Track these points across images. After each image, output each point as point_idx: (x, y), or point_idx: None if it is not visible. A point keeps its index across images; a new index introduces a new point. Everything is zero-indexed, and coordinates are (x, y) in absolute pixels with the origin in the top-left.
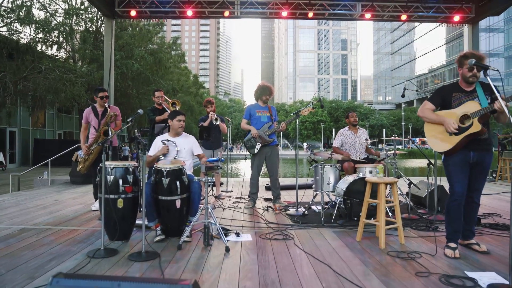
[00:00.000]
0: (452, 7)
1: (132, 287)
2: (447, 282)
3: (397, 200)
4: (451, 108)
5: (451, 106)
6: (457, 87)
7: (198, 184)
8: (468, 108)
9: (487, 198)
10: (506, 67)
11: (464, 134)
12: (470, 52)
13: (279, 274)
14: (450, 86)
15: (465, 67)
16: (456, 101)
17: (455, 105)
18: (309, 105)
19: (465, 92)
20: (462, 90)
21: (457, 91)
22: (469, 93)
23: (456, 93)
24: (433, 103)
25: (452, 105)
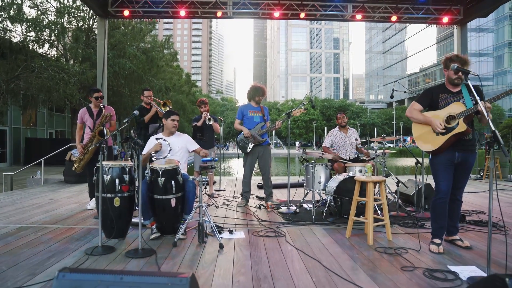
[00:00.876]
0: (441, 9)
1: (134, 280)
2: (430, 276)
3: (385, 198)
4: (438, 108)
5: (438, 107)
6: (443, 89)
7: (193, 183)
8: (454, 109)
9: (473, 196)
10: (495, 67)
11: (450, 134)
12: (455, 55)
13: (271, 269)
14: (437, 87)
15: (450, 70)
16: (443, 101)
17: (442, 106)
18: (300, 106)
19: (452, 93)
20: (448, 91)
21: (443, 92)
22: (455, 94)
23: (443, 94)
24: (421, 104)
25: (439, 105)
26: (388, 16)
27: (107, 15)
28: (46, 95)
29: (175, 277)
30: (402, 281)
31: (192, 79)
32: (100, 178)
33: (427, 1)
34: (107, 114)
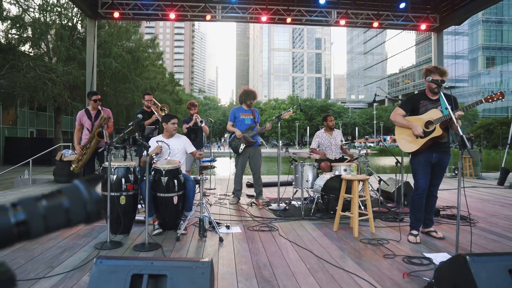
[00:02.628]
0: (419, 16)
1: (163, 264)
2: (408, 262)
3: (369, 195)
4: (419, 113)
5: (419, 112)
6: (424, 96)
7: (193, 182)
8: (432, 115)
9: (448, 192)
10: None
11: (428, 138)
12: (434, 67)
13: (269, 259)
14: (418, 95)
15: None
16: (423, 107)
17: (422, 111)
18: (289, 109)
19: (431, 100)
20: (428, 99)
21: (424, 99)
22: (434, 102)
23: (423, 101)
24: (404, 109)
25: (420, 111)
26: (370, 22)
27: (97, 17)
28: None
29: (198, 261)
30: (385, 266)
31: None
32: (108, 178)
33: (406, 9)
34: (106, 116)
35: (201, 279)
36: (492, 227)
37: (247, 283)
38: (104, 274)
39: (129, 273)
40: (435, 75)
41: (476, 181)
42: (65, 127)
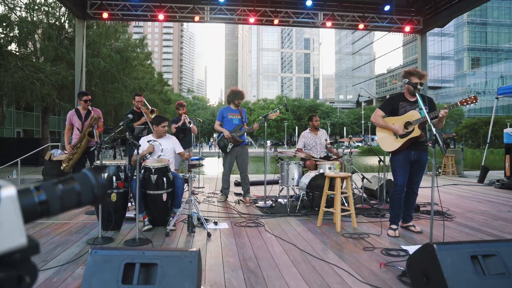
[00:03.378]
0: (403, 19)
1: (153, 254)
2: (386, 253)
3: (351, 192)
4: (398, 115)
5: (398, 113)
6: (403, 98)
7: (182, 180)
8: (410, 116)
9: (429, 190)
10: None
11: (407, 138)
12: (413, 69)
13: (255, 252)
14: (397, 97)
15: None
16: (402, 109)
17: (401, 113)
18: (276, 110)
19: (409, 102)
20: (407, 100)
21: (403, 101)
22: (413, 103)
23: (402, 102)
24: (384, 111)
25: (399, 112)
26: (355, 24)
27: (86, 17)
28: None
29: (186, 251)
30: (364, 257)
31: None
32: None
33: (391, 11)
34: (96, 116)
35: (189, 267)
36: (468, 222)
37: (233, 273)
38: (99, 263)
39: (122, 262)
40: (414, 78)
41: (458, 179)
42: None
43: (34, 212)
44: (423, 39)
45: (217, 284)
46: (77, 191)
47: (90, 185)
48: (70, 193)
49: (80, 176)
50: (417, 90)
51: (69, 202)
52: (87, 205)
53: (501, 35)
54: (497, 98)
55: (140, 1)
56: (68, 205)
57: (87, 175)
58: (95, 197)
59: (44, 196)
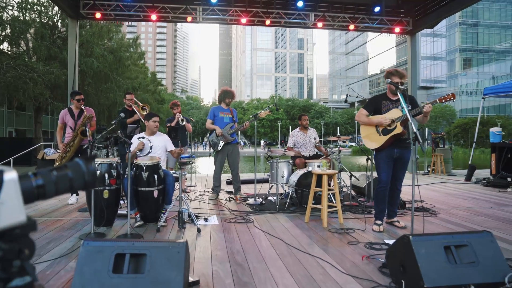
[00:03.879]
0: (393, 20)
1: (143, 245)
2: (369, 247)
3: (337, 189)
4: (381, 113)
5: (381, 112)
6: (385, 97)
7: (172, 177)
8: (393, 114)
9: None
10: (448, 70)
11: (390, 135)
12: (394, 70)
13: (243, 246)
14: (380, 96)
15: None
16: (385, 108)
17: (384, 111)
18: (266, 109)
19: (392, 101)
20: (389, 99)
21: (385, 100)
22: (395, 102)
23: (385, 101)
24: (367, 110)
25: (382, 111)
26: (346, 25)
27: (79, 17)
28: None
29: (174, 242)
30: (348, 251)
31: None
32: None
33: (381, 12)
34: (89, 116)
35: (176, 256)
36: (451, 218)
37: (220, 266)
38: (91, 254)
39: (113, 253)
40: (395, 77)
41: (447, 177)
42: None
43: (32, 194)
44: (413, 40)
45: (204, 276)
46: (70, 177)
47: (81, 172)
48: (63, 179)
49: (73, 164)
50: (399, 89)
51: (63, 187)
52: (79, 190)
53: (492, 36)
54: (484, 98)
55: (133, 1)
56: (62, 189)
57: (78, 163)
58: (85, 183)
59: (41, 181)
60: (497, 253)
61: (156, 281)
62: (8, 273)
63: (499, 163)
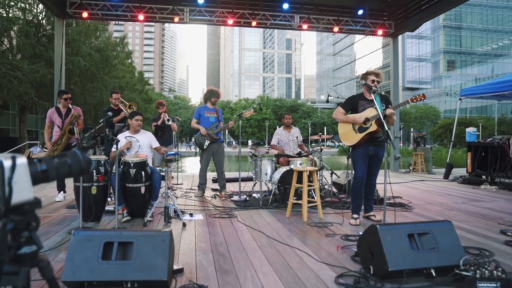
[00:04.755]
0: (376, 23)
1: (130, 234)
2: (345, 239)
3: (317, 185)
4: (358, 112)
5: (358, 111)
6: (362, 97)
7: (159, 174)
8: (368, 113)
9: (397, 185)
10: (433, 72)
11: (365, 133)
12: (371, 70)
13: (226, 239)
14: (357, 96)
15: (367, 81)
16: (361, 107)
17: (360, 110)
18: (250, 109)
19: (368, 100)
20: (365, 99)
21: (362, 99)
22: (371, 101)
23: (361, 101)
24: (344, 109)
25: (359, 110)
26: (330, 27)
27: (65, 16)
28: None
29: (159, 231)
30: (324, 242)
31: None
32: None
33: (364, 15)
34: (77, 114)
35: (161, 244)
36: (425, 212)
37: (204, 256)
38: (81, 242)
39: (102, 241)
40: (371, 76)
41: (426, 175)
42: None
43: (38, 177)
44: (395, 43)
45: (188, 265)
46: (69, 164)
47: (78, 160)
48: (63, 165)
49: (71, 153)
50: (373, 91)
51: (63, 172)
52: (76, 175)
53: (475, 39)
54: (460, 99)
55: (120, 1)
56: (62, 174)
57: (76, 152)
58: (82, 169)
59: (44, 166)
60: (454, 240)
61: (142, 267)
62: (18, 242)
63: (475, 161)
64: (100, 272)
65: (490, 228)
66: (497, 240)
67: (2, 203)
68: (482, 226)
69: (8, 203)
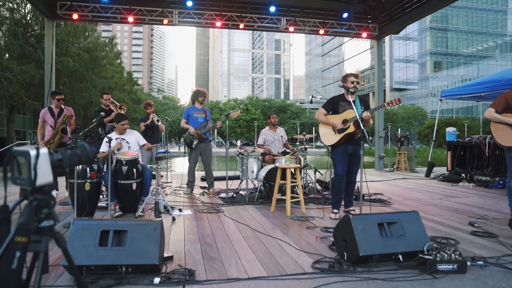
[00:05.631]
0: (360, 26)
1: (124, 223)
2: (325, 231)
3: (300, 181)
4: (338, 113)
5: (338, 112)
6: (342, 98)
7: (149, 171)
8: (347, 114)
9: (380, 183)
10: (420, 73)
11: (344, 133)
12: (350, 73)
13: (213, 231)
14: (338, 97)
15: (347, 84)
16: (341, 108)
17: (340, 111)
18: (237, 109)
19: (348, 102)
20: (346, 100)
21: (342, 101)
22: (350, 103)
23: (342, 102)
24: (326, 110)
25: (339, 111)
26: (316, 30)
27: (55, 17)
28: None
29: (151, 220)
30: (305, 234)
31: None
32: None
33: (349, 18)
34: (69, 114)
35: (153, 232)
36: (403, 207)
37: (192, 246)
38: (80, 231)
39: (98, 230)
40: (350, 78)
41: (410, 174)
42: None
43: (55, 164)
44: (379, 45)
45: (178, 253)
46: (78, 154)
47: (87, 151)
48: (74, 155)
49: (80, 146)
50: (350, 93)
51: (74, 161)
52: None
53: (460, 41)
54: (441, 100)
55: (110, 3)
56: (74, 162)
57: (84, 145)
58: (89, 159)
59: (60, 156)
60: (420, 228)
61: (135, 253)
62: (40, 217)
63: (454, 160)
64: (97, 257)
65: (460, 220)
66: (464, 231)
67: (29, 184)
68: (453, 219)
69: (34, 184)
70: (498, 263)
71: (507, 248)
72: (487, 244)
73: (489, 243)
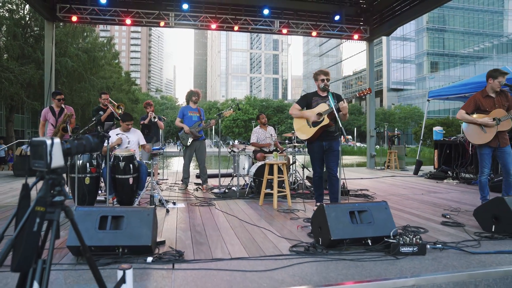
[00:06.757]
0: (352, 28)
1: (121, 209)
2: (307, 221)
3: (286, 176)
4: (312, 107)
5: (311, 106)
6: (316, 94)
7: (145, 167)
8: (321, 108)
9: (369, 180)
10: (417, 73)
11: (318, 126)
12: (320, 70)
13: (203, 221)
14: (311, 93)
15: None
16: (315, 102)
17: (314, 106)
18: (229, 108)
19: (321, 97)
20: (319, 96)
21: (315, 96)
22: (324, 98)
23: (315, 97)
24: (300, 105)
25: (312, 105)
26: (309, 32)
27: (55, 20)
28: None
29: (145, 207)
30: (288, 224)
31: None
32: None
33: (341, 20)
34: (69, 114)
35: (147, 218)
36: None
37: (183, 233)
38: (81, 216)
39: (98, 215)
40: (321, 75)
41: (399, 172)
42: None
43: (65, 152)
44: (371, 46)
45: (170, 239)
46: (84, 144)
47: (90, 142)
48: (81, 145)
49: (85, 137)
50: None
51: (81, 149)
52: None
53: (457, 42)
54: (428, 100)
55: (108, 6)
56: (80, 151)
57: (89, 137)
58: (93, 148)
59: (69, 145)
60: (388, 216)
61: (131, 235)
62: (53, 193)
63: (441, 158)
64: (97, 239)
65: (435, 213)
66: (436, 221)
67: (45, 166)
68: (429, 212)
69: (49, 166)
70: (457, 247)
71: (469, 235)
72: (453, 232)
73: (455, 231)
